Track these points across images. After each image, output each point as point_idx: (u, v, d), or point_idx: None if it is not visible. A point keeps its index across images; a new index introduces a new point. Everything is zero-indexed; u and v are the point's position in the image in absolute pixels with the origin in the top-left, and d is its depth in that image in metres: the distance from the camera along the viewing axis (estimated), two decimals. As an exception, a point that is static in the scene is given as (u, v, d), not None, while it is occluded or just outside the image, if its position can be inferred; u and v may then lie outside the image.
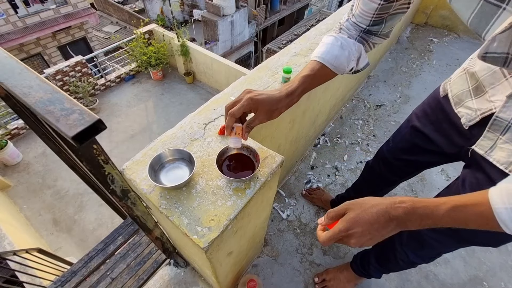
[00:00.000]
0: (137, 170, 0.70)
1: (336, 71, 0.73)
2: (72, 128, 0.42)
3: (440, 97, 0.80)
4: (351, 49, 0.73)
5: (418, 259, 0.92)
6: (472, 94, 0.67)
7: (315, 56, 0.73)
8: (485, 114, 0.62)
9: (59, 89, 0.49)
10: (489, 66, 0.60)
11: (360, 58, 0.76)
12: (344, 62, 0.72)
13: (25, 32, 7.44)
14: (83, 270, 1.26)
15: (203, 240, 0.58)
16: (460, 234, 0.73)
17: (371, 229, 0.48)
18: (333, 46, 0.72)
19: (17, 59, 0.58)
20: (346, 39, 0.74)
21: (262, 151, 0.75)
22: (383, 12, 0.68)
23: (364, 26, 0.73)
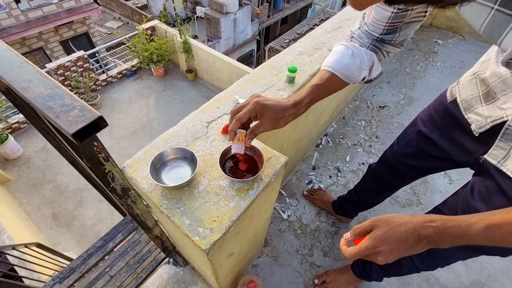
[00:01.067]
0: (138, 169, 0.69)
1: (347, 81, 0.71)
2: (72, 125, 0.41)
3: (448, 102, 0.78)
4: (362, 58, 0.70)
5: (424, 266, 0.90)
6: (482, 100, 0.65)
7: (325, 65, 0.71)
8: (496, 122, 0.60)
9: (60, 84, 0.48)
10: (500, 72, 0.58)
11: (373, 67, 0.73)
12: (356, 71, 0.70)
13: (27, 26, 7.42)
14: (81, 267, 1.25)
15: (205, 242, 0.57)
16: (475, 248, 0.70)
17: (400, 247, 0.48)
18: (343, 55, 0.70)
19: (18, 52, 0.56)
20: (358, 47, 0.71)
21: (266, 151, 0.73)
22: (397, 21, 0.65)
23: (376, 35, 0.71)
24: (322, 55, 1.14)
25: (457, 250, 0.76)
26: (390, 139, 2.03)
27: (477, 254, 0.75)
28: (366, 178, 1.24)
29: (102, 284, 1.19)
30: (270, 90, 0.95)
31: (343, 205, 1.43)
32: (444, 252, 0.79)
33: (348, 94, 1.96)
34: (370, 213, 1.60)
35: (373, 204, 1.31)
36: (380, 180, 1.13)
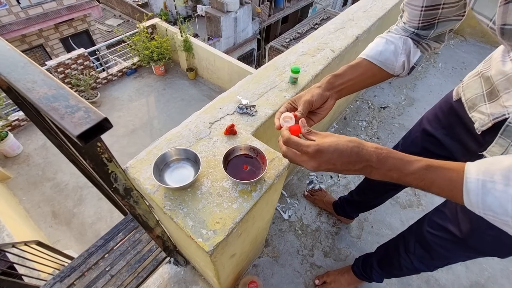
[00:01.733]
0: (141, 169, 0.69)
1: (384, 68, 0.70)
2: (77, 126, 0.40)
3: (453, 101, 0.78)
4: (397, 43, 0.70)
5: (423, 267, 0.90)
6: (486, 98, 0.65)
7: (360, 54, 0.73)
8: (498, 120, 0.60)
9: (64, 84, 0.47)
10: (506, 70, 0.58)
11: (410, 52, 0.71)
12: (391, 56, 0.70)
13: (27, 23, 7.38)
14: (82, 266, 1.25)
15: (208, 244, 0.57)
16: (467, 241, 0.71)
17: (338, 160, 0.48)
18: (377, 44, 0.72)
19: (20, 51, 0.56)
20: (392, 35, 0.72)
21: (269, 152, 0.73)
22: (429, 18, 0.66)
23: (412, 30, 0.71)
24: (325, 55, 1.14)
25: (450, 246, 0.76)
26: (391, 140, 2.03)
27: (472, 252, 0.74)
28: (368, 179, 1.24)
29: (103, 283, 1.19)
30: (273, 91, 0.95)
31: (344, 206, 1.43)
32: (437, 248, 0.79)
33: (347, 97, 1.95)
34: (371, 214, 1.60)
35: (374, 205, 1.32)
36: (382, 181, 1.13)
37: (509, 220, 0.39)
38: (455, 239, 0.73)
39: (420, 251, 0.87)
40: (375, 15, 1.45)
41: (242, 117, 0.85)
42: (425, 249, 0.84)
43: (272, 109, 0.89)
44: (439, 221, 0.77)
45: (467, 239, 0.69)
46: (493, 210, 0.40)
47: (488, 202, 0.40)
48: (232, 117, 0.84)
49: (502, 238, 0.62)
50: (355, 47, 1.34)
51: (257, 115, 0.86)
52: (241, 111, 0.86)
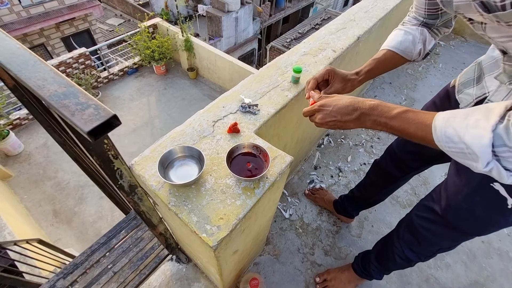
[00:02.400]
0: (146, 166, 0.70)
1: (404, 55, 0.80)
2: (87, 123, 0.42)
3: (449, 87, 0.84)
4: (414, 33, 0.79)
5: (413, 256, 0.93)
6: (475, 82, 0.71)
7: (382, 46, 0.83)
8: (479, 98, 0.67)
9: (74, 83, 0.49)
10: (494, 55, 0.64)
11: (426, 41, 0.80)
12: (410, 45, 0.79)
13: (29, 22, 7.40)
14: (85, 263, 1.26)
15: (212, 239, 0.58)
16: (447, 218, 0.74)
17: (339, 112, 0.60)
18: (397, 35, 0.81)
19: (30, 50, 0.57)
20: (409, 26, 0.81)
21: (272, 150, 0.74)
22: (433, 8, 0.73)
23: (421, 19, 0.79)
24: (327, 55, 1.15)
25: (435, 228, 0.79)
26: (391, 140, 2.03)
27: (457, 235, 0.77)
28: (370, 173, 1.27)
29: (105, 280, 1.20)
30: (275, 90, 0.96)
31: (344, 204, 1.44)
32: (422, 231, 0.83)
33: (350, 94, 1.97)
34: (371, 213, 1.61)
35: (375, 202, 1.33)
36: (383, 171, 1.17)
37: (464, 147, 0.44)
38: (437, 218, 0.77)
39: (408, 236, 0.90)
40: (376, 16, 1.46)
41: (245, 116, 0.86)
42: (412, 234, 0.88)
43: (275, 108, 0.90)
44: (426, 203, 0.83)
45: (446, 215, 0.74)
46: (452, 140, 0.45)
47: (448, 133, 0.46)
48: (235, 116, 0.86)
49: (474, 211, 0.66)
50: (356, 47, 1.35)
51: (259, 113, 0.87)
52: (244, 110, 0.87)
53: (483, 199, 0.64)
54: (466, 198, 0.67)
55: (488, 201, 0.63)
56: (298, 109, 1.08)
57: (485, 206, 0.65)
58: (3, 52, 0.53)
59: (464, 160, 0.47)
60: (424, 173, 1.84)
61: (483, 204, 0.65)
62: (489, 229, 0.70)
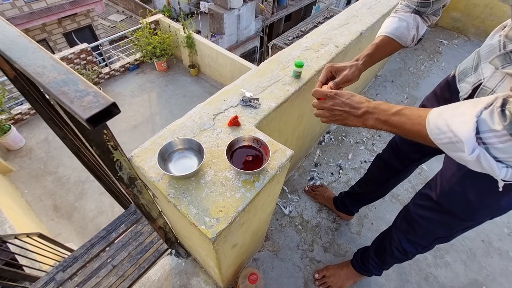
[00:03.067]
0: (145, 158, 0.70)
1: (399, 41, 0.84)
2: (86, 110, 0.41)
3: (450, 77, 0.85)
4: (408, 19, 0.83)
5: (411, 247, 0.93)
6: (473, 70, 0.72)
7: (379, 33, 0.86)
8: (475, 85, 0.68)
9: (73, 70, 0.48)
10: (491, 43, 0.66)
11: (419, 27, 0.84)
12: (405, 31, 0.83)
13: (31, 17, 7.40)
14: (84, 256, 1.26)
15: (211, 231, 0.57)
16: (441, 204, 0.75)
17: (347, 104, 0.65)
18: (392, 22, 0.85)
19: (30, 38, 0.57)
20: (402, 13, 0.85)
21: (272, 144, 0.74)
22: None
23: (413, 7, 0.83)
24: (329, 51, 1.14)
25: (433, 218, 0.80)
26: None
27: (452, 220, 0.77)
28: (371, 167, 1.28)
29: (104, 273, 1.20)
30: (276, 85, 0.96)
31: (344, 200, 1.44)
32: (422, 223, 0.84)
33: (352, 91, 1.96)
34: (371, 211, 1.61)
35: (375, 197, 1.33)
36: (384, 165, 1.18)
37: (452, 136, 0.45)
38: (432, 205, 0.79)
39: (404, 225, 0.91)
40: (379, 12, 1.45)
41: (245, 110, 0.85)
42: (408, 222, 0.89)
43: (276, 102, 0.89)
44: (423, 191, 0.85)
45: (440, 200, 0.75)
46: (442, 130, 0.47)
47: (439, 124, 0.47)
48: (235, 109, 0.85)
49: (467, 195, 0.67)
50: (359, 43, 1.35)
51: (260, 107, 0.86)
52: (244, 103, 0.87)
53: (475, 182, 0.66)
54: (459, 182, 0.69)
55: (480, 184, 0.64)
56: (299, 104, 1.08)
57: (477, 190, 0.66)
58: (3, 40, 0.53)
59: (454, 153, 0.47)
60: (424, 171, 1.84)
61: (475, 187, 0.66)
62: (482, 213, 0.70)
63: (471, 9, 2.91)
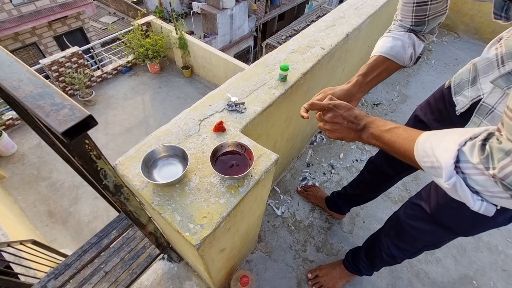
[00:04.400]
0: (130, 166, 0.70)
1: (396, 60, 0.80)
2: (62, 123, 0.41)
3: (444, 88, 0.84)
4: (403, 38, 0.80)
5: (399, 253, 0.94)
6: (470, 83, 0.71)
7: (372, 53, 0.84)
8: (474, 100, 0.67)
9: (50, 83, 0.48)
10: (489, 57, 0.64)
11: (415, 45, 0.81)
12: (401, 50, 0.80)
13: (20, 21, 7.29)
14: (76, 263, 1.26)
15: (195, 238, 0.58)
16: (434, 217, 0.75)
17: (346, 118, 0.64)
18: (385, 41, 0.82)
19: (9, 50, 0.57)
20: (396, 33, 0.82)
21: (257, 149, 0.74)
22: (420, 14, 0.76)
23: (408, 26, 0.81)
24: (315, 53, 1.15)
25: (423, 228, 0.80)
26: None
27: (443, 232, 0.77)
28: (364, 171, 1.28)
29: (97, 280, 1.20)
30: (262, 88, 0.96)
31: (336, 200, 1.45)
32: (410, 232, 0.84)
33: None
34: (363, 209, 1.63)
35: (366, 200, 1.34)
36: (376, 170, 1.18)
37: (434, 160, 0.46)
38: (424, 215, 0.78)
39: (393, 233, 0.92)
40: (365, 13, 1.47)
41: (231, 114, 0.86)
42: (397, 231, 0.90)
43: (261, 106, 0.90)
44: (414, 200, 0.84)
45: (434, 214, 0.74)
46: (427, 154, 0.48)
47: (426, 147, 0.48)
48: (221, 114, 0.86)
49: (463, 210, 0.66)
50: (346, 45, 1.36)
51: (246, 112, 0.87)
52: (230, 108, 0.87)
53: None
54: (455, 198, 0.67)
55: None
56: (286, 107, 1.08)
57: None
58: (-21, 53, 0.52)
59: (435, 178, 0.48)
60: (415, 169, 1.86)
61: None
62: (477, 229, 0.70)
63: (460, 6, 2.94)
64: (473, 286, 1.40)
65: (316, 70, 1.14)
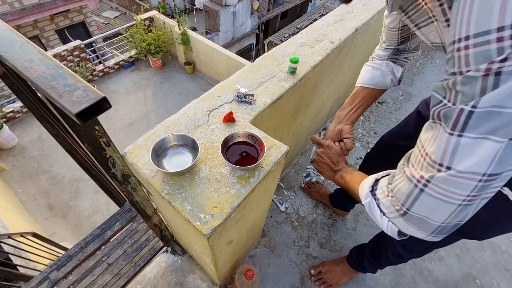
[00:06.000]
0: (139, 154, 0.69)
1: (378, 87, 0.90)
2: (76, 105, 0.40)
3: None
4: (382, 68, 0.89)
5: (406, 252, 0.93)
6: None
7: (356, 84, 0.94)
8: None
9: (62, 65, 0.47)
10: None
11: (394, 71, 0.90)
12: (381, 78, 0.89)
13: (22, 13, 7.24)
14: (79, 254, 1.25)
15: (206, 227, 0.57)
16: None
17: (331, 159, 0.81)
18: (367, 72, 0.92)
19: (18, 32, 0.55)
20: (377, 62, 0.91)
21: (267, 140, 0.73)
22: (405, 34, 0.81)
23: (393, 47, 0.88)
24: (324, 47, 1.14)
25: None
26: (387, 135, 2.04)
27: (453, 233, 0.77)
28: (362, 166, 1.26)
29: (100, 272, 1.20)
30: (271, 81, 0.95)
31: (339, 197, 1.44)
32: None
33: (347, 88, 1.96)
34: (367, 207, 1.62)
35: None
36: (375, 164, 1.16)
37: (364, 201, 0.59)
38: None
39: None
40: (374, 8, 1.45)
41: (240, 106, 0.85)
42: None
43: (271, 98, 0.89)
44: None
45: None
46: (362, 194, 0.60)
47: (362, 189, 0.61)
48: (230, 105, 0.84)
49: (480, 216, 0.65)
50: (354, 40, 1.34)
51: (255, 103, 0.86)
52: (239, 99, 0.86)
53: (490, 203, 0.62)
54: None
55: (496, 206, 0.61)
56: (294, 100, 1.07)
57: (492, 211, 0.63)
58: (-11, 34, 0.51)
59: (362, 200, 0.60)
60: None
61: (490, 208, 0.62)
62: (492, 233, 0.69)
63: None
64: (476, 285, 1.40)
65: (324, 64, 1.13)
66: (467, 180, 0.38)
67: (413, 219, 0.47)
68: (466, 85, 0.34)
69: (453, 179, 0.39)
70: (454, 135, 0.37)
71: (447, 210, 0.42)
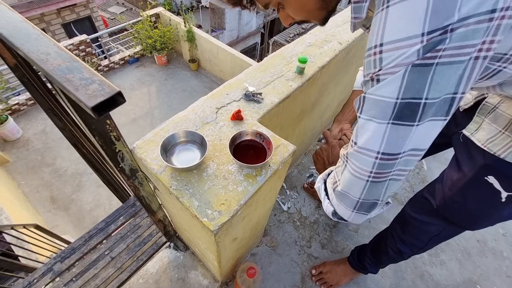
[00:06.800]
0: (147, 150, 0.69)
1: None
2: (92, 98, 0.41)
3: None
4: None
5: (405, 248, 0.94)
6: None
7: (353, 88, 0.97)
8: (478, 98, 0.70)
9: (77, 58, 0.47)
10: None
11: None
12: None
13: (29, 6, 7.28)
14: (83, 247, 1.26)
15: (213, 223, 0.58)
16: (439, 211, 0.76)
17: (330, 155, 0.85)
18: (360, 76, 0.94)
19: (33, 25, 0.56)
20: None
21: (275, 139, 0.74)
22: None
23: None
24: (332, 47, 1.14)
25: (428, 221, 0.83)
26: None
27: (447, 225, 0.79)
28: None
29: (103, 265, 1.21)
30: (279, 80, 0.95)
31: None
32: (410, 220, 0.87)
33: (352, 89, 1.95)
34: (369, 209, 1.62)
35: None
36: None
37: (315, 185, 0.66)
38: (430, 209, 0.80)
39: (399, 227, 0.93)
40: (383, 10, 1.44)
41: (248, 104, 0.85)
42: (403, 224, 0.91)
43: (279, 98, 0.89)
44: (421, 194, 0.86)
45: (440, 207, 0.76)
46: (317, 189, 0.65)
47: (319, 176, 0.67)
48: (238, 104, 0.85)
49: (468, 205, 0.69)
50: (362, 41, 1.34)
51: (263, 102, 0.86)
52: (247, 98, 0.86)
53: (477, 192, 0.66)
54: (460, 191, 0.69)
55: (482, 194, 0.65)
56: (301, 100, 1.08)
57: (478, 200, 0.66)
58: (5, 25, 0.52)
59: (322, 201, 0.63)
60: (423, 171, 1.85)
61: (477, 197, 0.67)
62: (482, 223, 0.71)
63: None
64: (477, 290, 1.40)
65: (332, 65, 1.13)
66: (365, 156, 0.45)
67: (340, 195, 0.54)
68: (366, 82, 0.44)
69: (357, 154, 0.46)
70: (360, 116, 0.45)
71: (359, 184, 0.48)
